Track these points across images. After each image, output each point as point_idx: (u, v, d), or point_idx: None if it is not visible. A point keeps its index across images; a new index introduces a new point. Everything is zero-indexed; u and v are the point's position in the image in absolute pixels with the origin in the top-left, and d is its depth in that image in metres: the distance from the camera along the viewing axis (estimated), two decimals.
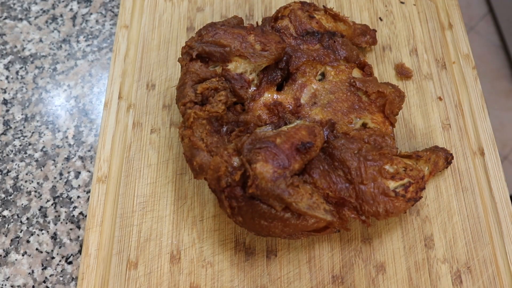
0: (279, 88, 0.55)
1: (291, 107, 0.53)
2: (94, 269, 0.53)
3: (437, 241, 0.53)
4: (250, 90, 0.53)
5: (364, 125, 0.53)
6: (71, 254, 0.56)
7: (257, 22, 0.61)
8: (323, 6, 0.61)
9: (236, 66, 0.53)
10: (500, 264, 0.52)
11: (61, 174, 0.62)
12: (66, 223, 0.58)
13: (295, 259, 0.53)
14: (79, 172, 0.61)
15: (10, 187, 0.61)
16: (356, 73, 0.56)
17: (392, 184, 0.49)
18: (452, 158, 0.55)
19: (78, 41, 0.71)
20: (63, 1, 0.75)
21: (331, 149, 0.49)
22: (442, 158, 0.54)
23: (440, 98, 0.62)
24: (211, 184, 0.47)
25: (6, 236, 0.58)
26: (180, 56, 0.55)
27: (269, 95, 0.54)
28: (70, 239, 0.57)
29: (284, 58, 0.55)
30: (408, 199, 0.49)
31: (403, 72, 0.63)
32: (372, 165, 0.48)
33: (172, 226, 0.55)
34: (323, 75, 0.56)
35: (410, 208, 0.50)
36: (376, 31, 0.64)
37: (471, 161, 0.57)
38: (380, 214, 0.48)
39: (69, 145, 0.63)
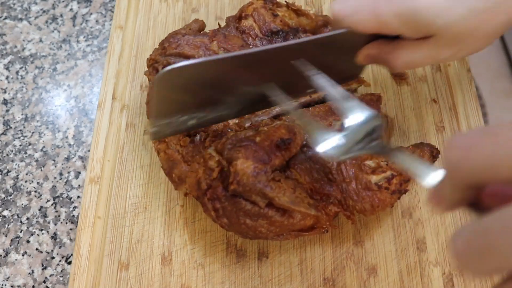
0: None
1: None
2: (86, 270, 0.53)
3: (429, 244, 0.53)
4: None
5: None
6: (71, 254, 0.56)
7: (218, 23, 0.60)
8: (285, 1, 0.60)
9: None
10: None
11: (61, 174, 0.62)
12: (66, 223, 0.58)
13: (286, 261, 0.53)
14: (79, 172, 0.62)
15: (10, 187, 0.61)
16: None
17: (374, 178, 0.48)
18: (438, 152, 0.54)
19: (78, 41, 0.71)
20: (63, 1, 0.75)
21: (311, 152, 0.49)
22: (427, 153, 0.53)
23: (434, 101, 0.61)
24: (193, 192, 0.47)
25: (6, 236, 0.58)
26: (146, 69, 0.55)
27: None
28: (70, 239, 0.58)
29: None
30: (393, 191, 0.48)
31: (397, 74, 0.63)
32: (351, 162, 0.48)
33: (163, 227, 0.55)
34: None
35: (396, 201, 0.49)
36: None
37: None
38: (367, 210, 0.48)
39: (69, 145, 0.63)
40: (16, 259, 0.57)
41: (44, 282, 0.55)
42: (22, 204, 0.60)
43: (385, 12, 0.41)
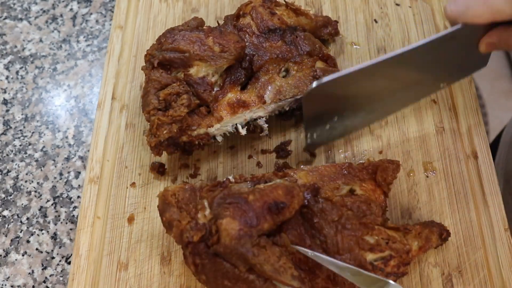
0: (244, 88, 0.55)
1: (255, 104, 0.54)
2: (85, 270, 0.53)
3: None
4: (213, 92, 0.53)
5: (351, 192, 0.50)
6: (71, 254, 0.56)
7: (217, 22, 0.60)
8: (284, 0, 0.60)
9: (198, 70, 0.53)
10: (492, 269, 0.52)
11: (61, 174, 0.62)
12: (66, 223, 0.59)
13: None
14: (79, 172, 0.62)
15: (10, 187, 0.61)
16: (319, 65, 0.56)
17: (370, 256, 0.46)
18: (449, 235, 0.52)
19: (78, 41, 0.72)
20: (63, 1, 0.75)
21: (310, 215, 0.46)
22: (436, 234, 0.51)
23: (434, 101, 0.61)
24: (176, 240, 0.45)
25: (6, 236, 0.58)
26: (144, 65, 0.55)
27: (233, 95, 0.54)
28: (70, 239, 0.58)
29: (247, 57, 0.55)
30: (388, 273, 0.46)
31: None
32: (350, 234, 0.46)
33: (163, 227, 0.55)
34: (287, 71, 0.56)
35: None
36: (337, 22, 0.64)
37: (464, 165, 0.57)
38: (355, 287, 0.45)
39: (69, 145, 0.64)
40: (16, 259, 0.57)
41: (44, 282, 0.55)
42: (22, 204, 0.60)
43: (496, 1, 0.44)
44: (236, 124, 0.55)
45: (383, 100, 0.57)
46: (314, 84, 0.48)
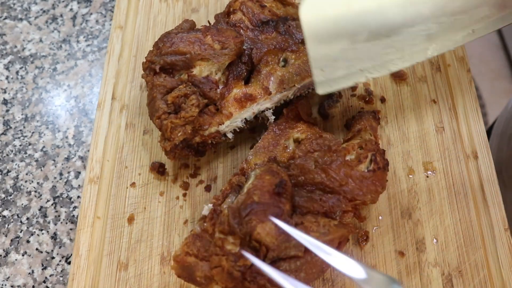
0: (247, 82, 0.56)
1: (261, 96, 0.54)
2: (85, 270, 0.53)
3: (428, 245, 0.53)
4: (219, 90, 0.54)
5: (297, 141, 0.53)
6: (71, 254, 0.56)
7: (208, 21, 0.60)
8: None
9: (201, 70, 0.53)
10: (492, 269, 0.52)
11: (61, 174, 0.62)
12: (66, 223, 0.59)
13: None
14: (79, 172, 0.62)
15: (10, 187, 0.61)
16: None
17: (362, 167, 0.49)
18: (378, 112, 0.56)
19: (78, 41, 0.72)
20: (63, 1, 0.75)
21: (295, 179, 0.48)
22: (372, 119, 0.55)
23: (434, 101, 0.61)
24: (228, 284, 0.44)
25: (6, 236, 0.58)
26: (143, 72, 0.55)
27: (238, 90, 0.54)
28: (70, 239, 0.58)
29: (246, 52, 0.55)
30: (383, 167, 0.49)
31: (397, 75, 0.63)
32: (336, 164, 0.48)
33: (163, 227, 0.55)
34: (285, 61, 0.56)
35: (387, 173, 0.51)
36: None
37: (464, 165, 0.57)
38: (374, 197, 0.49)
39: (69, 145, 0.63)
40: (16, 259, 0.57)
41: (44, 282, 0.55)
42: (22, 204, 0.60)
43: None
44: (245, 118, 0.55)
45: (411, 28, 0.47)
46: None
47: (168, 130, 0.50)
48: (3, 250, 0.57)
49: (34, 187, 0.61)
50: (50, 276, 0.56)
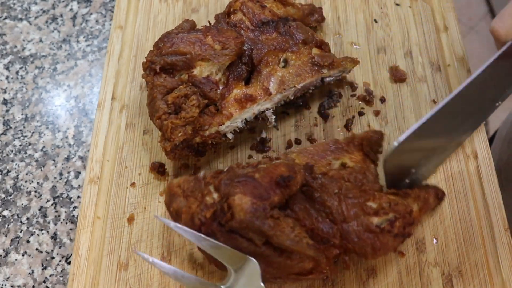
0: (247, 83, 0.56)
1: (261, 96, 0.54)
2: (85, 270, 0.53)
3: (428, 245, 0.53)
4: (219, 90, 0.54)
5: (343, 165, 0.51)
6: (71, 254, 0.56)
7: (209, 21, 0.60)
8: None
9: (201, 70, 0.53)
10: (491, 269, 0.52)
11: (61, 174, 0.62)
12: (66, 223, 0.59)
13: None
14: (79, 172, 0.62)
15: (10, 187, 0.61)
16: (315, 52, 0.57)
17: (376, 220, 0.46)
18: (444, 195, 0.54)
19: (78, 41, 0.72)
20: (63, 1, 0.75)
21: (311, 192, 0.47)
22: (432, 195, 0.52)
23: (434, 101, 0.61)
24: (188, 226, 0.45)
25: (6, 236, 0.58)
26: (143, 72, 0.55)
27: (239, 91, 0.54)
28: (70, 239, 0.58)
29: (247, 52, 0.55)
30: (395, 234, 0.46)
31: (397, 75, 0.63)
32: (354, 202, 0.46)
33: (163, 227, 0.55)
34: (285, 61, 0.56)
35: (399, 245, 0.48)
36: (322, 8, 0.65)
37: (464, 165, 0.57)
38: (368, 253, 0.46)
39: (69, 145, 0.64)
40: (16, 259, 0.57)
41: (44, 282, 0.55)
42: (22, 204, 0.60)
43: None
44: (245, 119, 0.55)
45: (452, 136, 0.56)
46: (395, 144, 0.47)
47: (169, 131, 0.50)
48: (3, 250, 0.57)
49: (34, 187, 0.61)
50: (50, 276, 0.56)
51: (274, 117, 0.57)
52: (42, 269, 0.56)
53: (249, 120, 0.56)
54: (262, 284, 0.44)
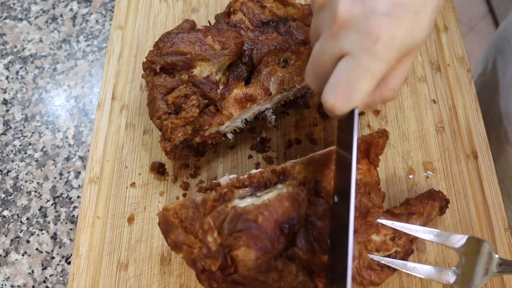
0: (247, 83, 0.55)
1: (261, 96, 0.54)
2: (85, 270, 0.53)
3: (428, 245, 0.53)
4: (219, 90, 0.54)
5: None
6: (71, 254, 0.56)
7: (209, 21, 0.60)
8: None
9: (201, 70, 0.53)
10: None
11: (61, 174, 0.62)
12: (66, 223, 0.58)
13: None
14: (79, 172, 0.62)
15: (10, 187, 0.61)
16: None
17: (377, 255, 0.46)
18: (448, 203, 0.53)
19: (78, 41, 0.72)
20: (63, 1, 0.75)
21: (314, 219, 0.45)
22: (436, 209, 0.51)
23: (434, 101, 0.61)
24: (188, 264, 0.45)
25: (6, 236, 0.58)
26: (143, 72, 0.55)
27: (239, 91, 0.54)
28: (70, 239, 0.58)
29: (247, 52, 0.55)
30: (395, 269, 0.46)
31: None
32: (358, 239, 0.45)
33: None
34: (285, 61, 0.56)
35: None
36: None
37: (464, 164, 0.57)
38: (365, 285, 0.46)
39: (69, 145, 0.63)
40: (16, 259, 0.57)
41: (44, 282, 0.55)
42: (22, 204, 0.60)
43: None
44: (245, 119, 0.55)
45: None
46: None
47: (169, 131, 0.50)
48: (3, 250, 0.57)
49: (34, 187, 0.61)
50: (50, 276, 0.56)
51: (274, 117, 0.57)
52: (42, 269, 0.56)
53: (249, 120, 0.56)
54: (498, 259, 0.44)
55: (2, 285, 0.55)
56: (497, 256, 0.44)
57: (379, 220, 0.46)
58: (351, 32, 0.37)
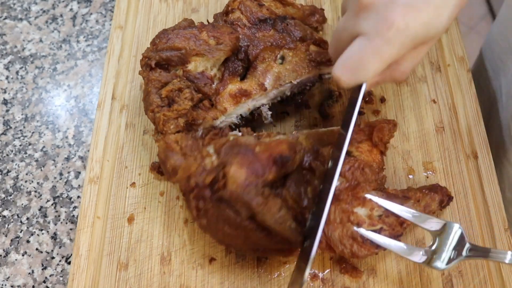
0: (243, 79, 0.56)
1: (256, 92, 0.54)
2: (85, 270, 0.53)
3: (428, 244, 0.53)
4: (214, 85, 0.54)
5: (348, 154, 0.50)
6: (71, 254, 0.56)
7: (208, 21, 0.60)
8: None
9: (196, 65, 0.53)
10: (491, 269, 0.52)
11: (61, 174, 0.62)
12: (66, 223, 0.59)
13: (286, 261, 0.53)
14: (79, 172, 0.62)
15: (10, 187, 0.61)
16: (313, 48, 0.57)
17: (361, 230, 0.46)
18: (450, 200, 0.53)
19: (78, 41, 0.72)
20: (63, 1, 0.75)
21: (310, 177, 0.47)
22: (436, 201, 0.51)
23: (434, 101, 0.61)
24: (181, 185, 0.46)
25: (6, 236, 0.58)
26: (141, 69, 0.55)
27: (234, 86, 0.54)
28: (70, 239, 0.58)
29: (242, 49, 0.55)
30: (377, 246, 0.46)
31: None
32: (342, 208, 0.47)
33: (163, 227, 0.55)
34: (282, 58, 0.56)
35: (379, 252, 0.48)
36: (324, 9, 0.65)
37: (464, 165, 0.57)
38: (346, 255, 0.47)
39: (69, 145, 0.64)
40: (16, 259, 0.57)
41: (44, 282, 0.55)
42: (22, 204, 0.60)
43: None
44: (240, 114, 0.55)
45: None
46: None
47: (161, 123, 0.51)
48: (3, 250, 0.57)
49: (34, 187, 0.61)
50: (50, 276, 0.56)
51: (270, 113, 0.57)
52: (42, 269, 0.56)
53: (245, 116, 0.56)
54: (468, 244, 0.45)
55: (2, 285, 0.55)
56: (468, 242, 0.45)
57: (366, 194, 0.48)
58: (370, 15, 0.40)
